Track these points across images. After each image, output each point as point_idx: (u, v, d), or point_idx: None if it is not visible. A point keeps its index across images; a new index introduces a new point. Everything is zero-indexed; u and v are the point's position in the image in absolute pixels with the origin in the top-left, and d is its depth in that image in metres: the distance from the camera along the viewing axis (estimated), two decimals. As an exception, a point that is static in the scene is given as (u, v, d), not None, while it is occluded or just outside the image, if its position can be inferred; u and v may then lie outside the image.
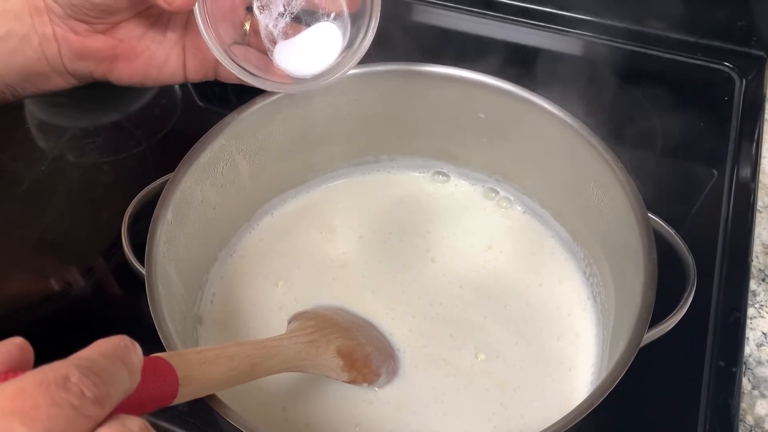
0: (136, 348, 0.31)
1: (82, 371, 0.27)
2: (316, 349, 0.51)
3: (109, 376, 0.28)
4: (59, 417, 0.25)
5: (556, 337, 0.60)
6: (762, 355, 0.62)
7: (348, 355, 0.53)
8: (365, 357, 0.54)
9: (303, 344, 0.51)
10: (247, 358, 0.44)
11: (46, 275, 0.70)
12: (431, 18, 0.95)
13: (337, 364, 0.52)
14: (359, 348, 0.55)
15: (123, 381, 0.29)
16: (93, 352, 0.29)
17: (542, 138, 0.61)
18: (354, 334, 0.56)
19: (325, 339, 0.53)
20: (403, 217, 0.68)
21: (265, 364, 0.46)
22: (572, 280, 0.64)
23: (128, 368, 0.30)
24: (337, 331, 0.55)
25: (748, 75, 0.86)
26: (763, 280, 0.67)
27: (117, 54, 0.55)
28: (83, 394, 0.27)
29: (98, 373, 0.28)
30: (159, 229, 0.51)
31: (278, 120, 0.61)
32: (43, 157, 0.80)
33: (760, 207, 0.73)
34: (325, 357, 0.52)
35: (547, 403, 0.56)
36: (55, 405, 0.26)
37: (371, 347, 0.56)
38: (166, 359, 0.35)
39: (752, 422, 0.58)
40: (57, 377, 0.26)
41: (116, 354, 0.30)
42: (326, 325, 0.55)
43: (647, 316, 0.47)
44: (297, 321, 0.54)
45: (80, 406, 0.26)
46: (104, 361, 0.29)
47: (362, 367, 0.54)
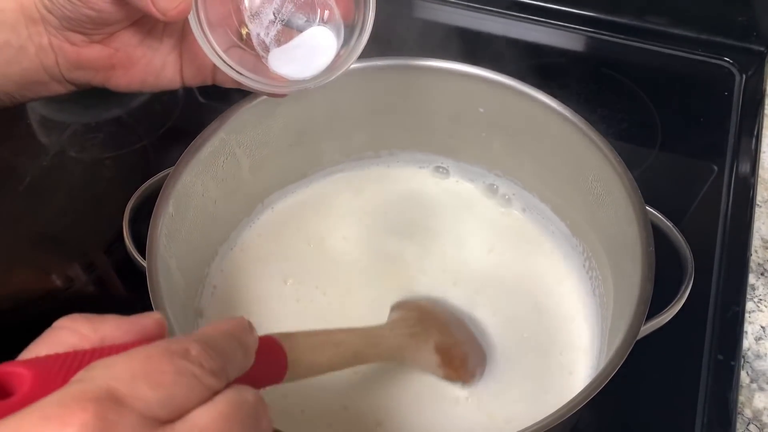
0: (253, 330, 0.33)
1: (201, 345, 0.29)
2: (416, 343, 0.53)
3: (226, 352, 0.30)
4: (181, 384, 0.27)
5: (555, 329, 0.60)
6: (760, 348, 0.62)
7: (446, 352, 0.53)
8: (462, 355, 0.55)
9: (404, 336, 0.52)
10: (351, 345, 0.46)
11: (48, 270, 0.70)
12: (431, 14, 0.95)
13: (434, 360, 0.53)
14: (457, 345, 0.55)
15: (238, 359, 0.31)
16: (213, 329, 0.31)
17: (542, 133, 0.61)
18: (453, 330, 0.56)
19: (425, 333, 0.54)
20: (403, 212, 0.68)
21: (368, 352, 0.48)
22: (572, 273, 0.64)
23: (243, 348, 0.32)
24: (437, 326, 0.55)
25: (748, 70, 0.86)
26: (761, 274, 0.67)
27: (114, 63, 0.55)
28: (202, 366, 0.28)
29: (216, 348, 0.29)
30: (160, 223, 0.52)
31: (278, 114, 0.62)
32: (45, 152, 0.81)
33: (759, 201, 0.73)
34: (423, 351, 0.53)
35: (545, 395, 0.56)
36: (178, 372, 0.27)
37: (468, 346, 0.57)
38: (279, 341, 0.37)
39: (750, 415, 0.58)
40: (180, 348, 0.28)
41: (234, 333, 0.32)
42: (427, 318, 0.56)
43: (644, 308, 0.47)
44: (399, 311, 0.56)
45: (200, 375, 0.28)
46: (222, 339, 0.31)
47: (459, 366, 0.55)
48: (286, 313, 0.61)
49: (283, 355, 0.37)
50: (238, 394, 0.29)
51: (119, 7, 0.50)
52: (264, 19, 0.55)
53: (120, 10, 0.51)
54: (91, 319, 0.30)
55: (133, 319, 0.31)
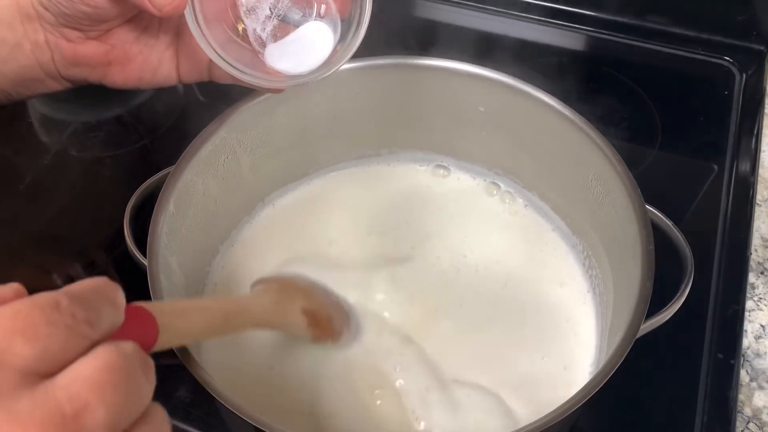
0: (119, 288, 0.32)
1: (70, 297, 0.29)
2: (282, 308, 0.55)
3: (95, 304, 0.30)
4: (56, 335, 0.27)
5: (555, 329, 0.60)
6: (760, 347, 0.62)
7: (311, 314, 0.56)
8: (328, 317, 0.58)
9: (270, 303, 0.54)
10: (219, 310, 0.47)
11: (49, 269, 0.70)
12: (431, 13, 0.95)
13: (302, 321, 0.55)
14: (322, 307, 0.58)
15: (108, 313, 0.30)
16: (80, 285, 0.31)
17: (542, 131, 0.62)
18: (315, 296, 0.59)
19: (289, 299, 0.56)
20: (404, 211, 0.68)
21: (237, 318, 0.49)
22: (572, 272, 0.64)
23: (112, 303, 0.31)
24: (300, 292, 0.58)
25: (748, 69, 0.86)
26: (761, 273, 0.67)
27: (110, 60, 0.55)
28: (74, 316, 0.28)
29: (85, 300, 0.29)
30: (161, 221, 0.52)
31: (279, 113, 0.62)
32: (46, 151, 0.81)
33: (759, 200, 0.73)
34: (290, 316, 0.55)
35: (545, 393, 0.56)
36: (51, 324, 0.27)
37: (333, 309, 0.59)
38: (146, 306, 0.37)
39: (750, 414, 0.58)
40: (49, 301, 0.28)
41: (100, 288, 0.31)
42: (288, 287, 0.58)
43: (644, 307, 0.47)
44: (260, 284, 0.57)
45: (73, 325, 0.28)
46: (91, 293, 0.30)
47: (326, 326, 0.57)
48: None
49: (151, 319, 0.36)
50: (117, 345, 0.29)
51: (115, 3, 0.50)
52: (260, 14, 0.55)
53: (116, 6, 0.51)
54: None
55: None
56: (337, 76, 0.61)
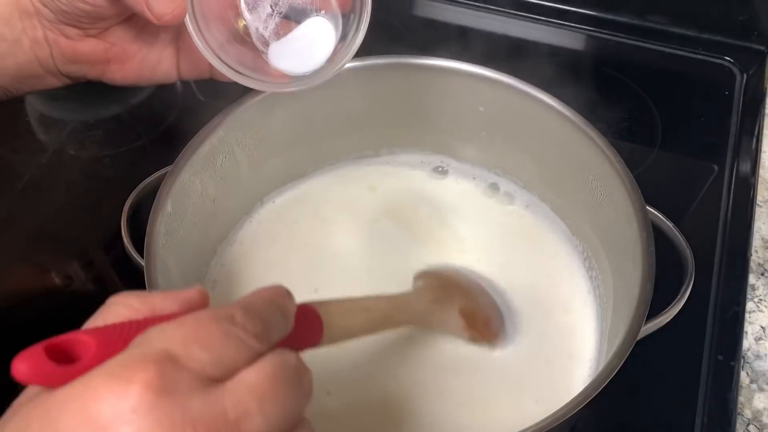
0: (291, 297, 0.35)
1: (244, 311, 0.31)
2: (440, 307, 0.56)
3: (267, 318, 0.32)
4: (229, 345, 0.30)
5: (555, 331, 0.60)
6: (760, 349, 0.62)
7: (470, 316, 0.56)
8: (486, 318, 0.58)
9: (429, 302, 0.56)
10: (381, 310, 0.50)
11: (47, 268, 0.70)
12: (431, 12, 0.95)
13: (459, 323, 0.56)
14: (480, 309, 0.58)
15: (279, 324, 0.33)
16: (254, 298, 0.33)
17: (542, 131, 0.61)
18: (476, 295, 0.59)
19: (448, 299, 0.57)
20: (403, 211, 0.68)
21: (396, 316, 0.52)
22: (572, 273, 0.63)
23: (284, 314, 0.34)
24: (460, 292, 0.58)
25: (748, 69, 0.86)
26: (762, 274, 0.67)
27: (109, 57, 0.55)
28: (246, 329, 0.30)
29: (257, 314, 0.32)
30: (158, 221, 0.52)
31: (278, 113, 0.61)
32: (44, 150, 0.80)
33: (760, 201, 0.73)
34: (448, 315, 0.56)
35: (545, 396, 0.56)
36: (226, 335, 0.30)
37: (490, 310, 0.59)
38: (315, 307, 0.39)
39: (750, 416, 0.58)
40: (226, 314, 0.30)
41: (274, 300, 0.34)
42: (449, 284, 0.59)
43: (644, 308, 0.47)
44: (422, 279, 0.58)
45: (245, 338, 0.30)
46: (263, 306, 0.33)
47: (483, 328, 0.57)
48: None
49: (319, 320, 0.39)
50: (281, 356, 0.31)
51: (114, 2, 0.50)
52: (262, 12, 0.54)
53: (114, 5, 0.51)
54: (140, 293, 0.32)
55: (179, 292, 0.33)
56: (336, 75, 0.61)
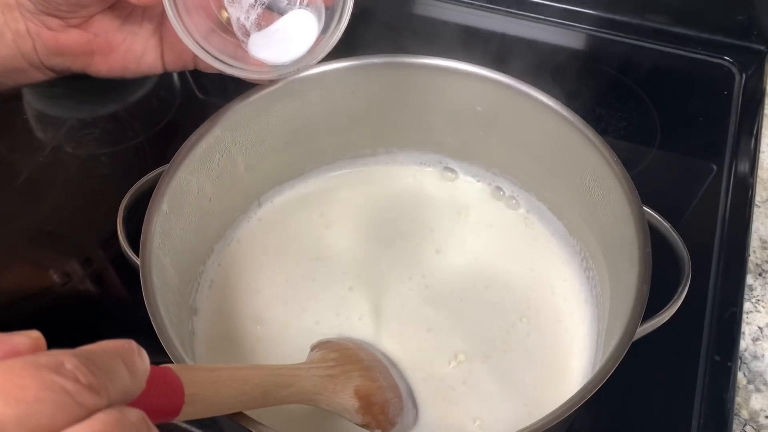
0: (142, 353, 0.30)
1: (79, 359, 0.26)
2: (333, 385, 0.48)
3: (109, 369, 0.27)
4: (48, 400, 0.24)
5: (552, 331, 0.60)
6: (758, 349, 0.62)
7: (366, 398, 0.49)
8: (383, 402, 0.51)
9: (321, 377, 0.48)
10: (260, 384, 0.42)
11: (45, 266, 0.70)
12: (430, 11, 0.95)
13: (353, 404, 0.48)
14: (379, 391, 0.51)
15: (123, 379, 0.28)
16: (95, 346, 0.28)
17: (539, 131, 0.61)
18: (376, 375, 0.53)
19: (345, 375, 0.49)
20: (399, 211, 0.68)
21: (279, 393, 0.43)
22: (569, 274, 0.63)
23: (130, 369, 0.28)
24: (359, 369, 0.51)
25: (747, 69, 0.86)
26: (759, 274, 0.67)
27: (93, 49, 0.55)
28: (78, 380, 0.25)
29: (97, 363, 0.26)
30: (154, 221, 0.51)
31: (274, 112, 0.61)
32: (41, 147, 0.81)
33: (758, 202, 0.72)
34: (342, 395, 0.48)
35: (543, 396, 0.56)
36: (45, 388, 0.24)
37: (391, 393, 0.53)
38: (176, 372, 0.34)
39: (747, 416, 0.58)
40: (51, 361, 0.25)
41: (118, 352, 0.28)
42: (349, 360, 0.52)
43: (640, 310, 0.47)
44: (320, 350, 0.52)
45: (74, 392, 0.25)
46: (105, 355, 0.27)
47: (378, 413, 0.50)
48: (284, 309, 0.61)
49: (179, 387, 0.33)
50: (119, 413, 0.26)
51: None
52: (244, 2, 0.54)
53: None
54: None
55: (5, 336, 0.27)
56: (332, 74, 0.61)
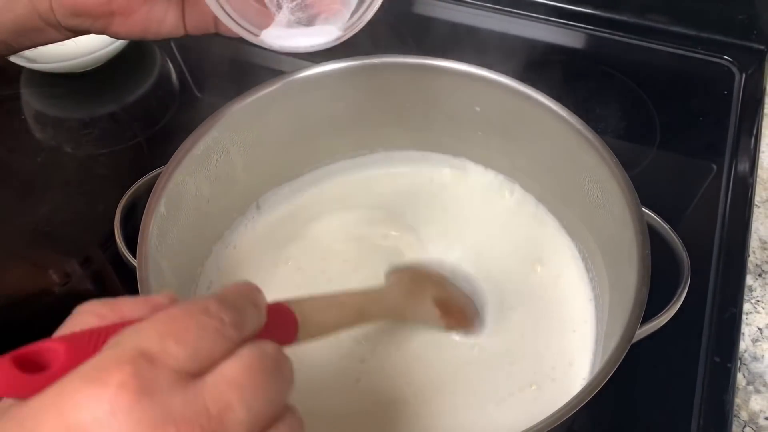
0: (261, 292, 0.34)
1: (218, 302, 0.30)
2: (414, 299, 0.56)
3: (241, 308, 0.31)
4: (205, 338, 0.29)
5: (551, 332, 0.60)
6: (757, 350, 0.62)
7: (443, 305, 0.57)
8: (460, 306, 0.59)
9: (402, 294, 0.56)
10: (355, 304, 0.49)
11: (44, 266, 0.70)
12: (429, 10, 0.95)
13: (435, 312, 0.56)
14: (453, 298, 0.59)
15: (253, 315, 0.32)
16: (226, 290, 0.32)
17: (538, 132, 0.61)
18: (447, 286, 0.60)
19: (421, 290, 0.57)
20: (399, 211, 0.68)
21: (371, 310, 0.51)
22: (568, 275, 0.63)
23: (256, 306, 0.33)
24: (432, 283, 0.59)
25: (747, 69, 0.86)
26: (759, 275, 0.67)
27: (113, 10, 0.53)
28: (222, 320, 0.30)
29: (232, 304, 0.31)
30: (151, 223, 0.51)
31: (273, 112, 0.61)
32: (40, 148, 0.81)
33: (758, 202, 0.72)
34: (423, 306, 0.56)
35: (542, 398, 0.56)
36: (201, 328, 0.29)
37: (463, 298, 0.60)
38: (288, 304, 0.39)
39: (746, 418, 0.58)
40: (199, 307, 0.30)
41: (245, 293, 0.33)
42: (420, 277, 0.59)
43: (640, 312, 0.47)
44: (393, 275, 0.58)
45: (221, 329, 0.29)
46: (236, 297, 0.32)
47: (458, 316, 0.58)
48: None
49: (293, 316, 0.38)
50: (259, 347, 0.31)
51: None
52: None
53: None
54: (108, 301, 0.32)
55: (147, 297, 0.32)
56: (332, 74, 0.61)
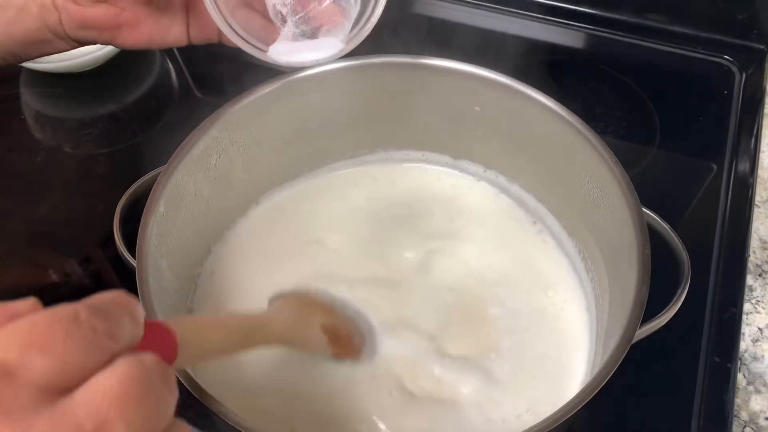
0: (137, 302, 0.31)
1: (89, 310, 0.28)
2: (302, 324, 0.54)
3: (115, 316, 0.29)
4: (75, 348, 0.26)
5: (551, 332, 0.59)
6: (757, 350, 0.62)
7: (331, 331, 0.55)
8: (348, 333, 0.57)
9: (289, 319, 0.53)
10: (238, 327, 0.47)
11: (44, 266, 0.70)
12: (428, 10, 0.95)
13: (322, 339, 0.54)
14: (341, 325, 0.57)
15: (128, 326, 0.29)
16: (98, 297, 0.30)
17: (538, 132, 0.61)
18: (335, 312, 0.58)
19: (309, 315, 0.55)
20: (398, 211, 0.67)
21: (257, 334, 0.49)
22: (569, 275, 0.63)
23: (131, 316, 0.30)
24: (320, 309, 0.57)
25: (748, 69, 0.86)
26: (759, 275, 0.67)
27: (120, 23, 0.54)
28: (95, 329, 0.27)
29: (105, 312, 0.28)
30: (151, 223, 0.51)
31: (273, 112, 0.61)
32: (39, 148, 0.81)
33: (758, 202, 0.72)
34: (311, 332, 0.54)
35: (541, 399, 0.55)
36: (70, 336, 0.26)
37: (350, 325, 0.58)
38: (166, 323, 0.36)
39: (747, 418, 0.58)
40: (68, 313, 0.27)
41: (119, 301, 0.30)
42: (308, 302, 0.57)
43: (639, 312, 0.47)
44: (280, 299, 0.56)
45: (93, 338, 0.27)
46: (110, 305, 0.29)
47: (346, 343, 0.56)
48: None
49: (171, 335, 0.35)
50: (136, 358, 0.28)
51: None
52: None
53: None
54: None
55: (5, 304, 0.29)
56: (332, 74, 0.61)
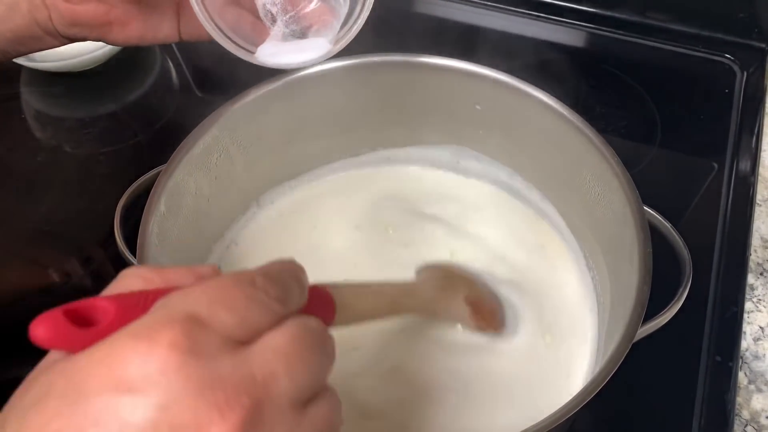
0: (305, 271, 0.35)
1: (264, 276, 0.31)
2: (446, 295, 0.57)
3: (286, 284, 0.32)
4: (252, 308, 0.30)
5: (553, 331, 0.59)
6: (759, 349, 0.62)
7: (475, 304, 0.57)
8: (491, 307, 0.59)
9: (434, 289, 0.56)
10: (389, 295, 0.51)
11: (45, 265, 0.70)
12: (429, 8, 0.95)
13: (465, 311, 0.56)
14: (485, 299, 0.59)
15: (296, 292, 0.33)
16: (271, 266, 0.33)
17: (539, 130, 0.61)
18: (478, 286, 0.60)
19: (453, 288, 0.58)
20: (399, 210, 0.67)
21: (405, 302, 0.53)
22: (569, 273, 0.63)
23: (299, 284, 0.33)
24: (464, 281, 0.59)
25: (749, 67, 0.85)
26: (761, 274, 0.67)
27: (110, 20, 0.54)
28: (268, 293, 0.31)
29: (277, 279, 0.32)
30: (151, 222, 0.51)
31: (273, 111, 0.61)
32: (40, 147, 0.81)
33: (759, 200, 0.72)
34: (454, 303, 0.57)
35: (542, 397, 0.56)
36: (249, 298, 0.30)
37: (494, 300, 0.60)
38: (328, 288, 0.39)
39: (748, 417, 0.58)
40: (247, 278, 0.31)
41: (290, 270, 0.34)
42: (452, 275, 0.59)
43: (641, 311, 0.47)
44: (425, 271, 0.58)
45: (267, 301, 0.30)
46: (281, 272, 0.33)
47: (488, 316, 0.58)
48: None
49: (331, 299, 0.39)
50: (304, 320, 0.31)
51: None
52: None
53: None
54: (154, 266, 0.33)
55: (192, 267, 0.33)
56: (332, 73, 0.60)
